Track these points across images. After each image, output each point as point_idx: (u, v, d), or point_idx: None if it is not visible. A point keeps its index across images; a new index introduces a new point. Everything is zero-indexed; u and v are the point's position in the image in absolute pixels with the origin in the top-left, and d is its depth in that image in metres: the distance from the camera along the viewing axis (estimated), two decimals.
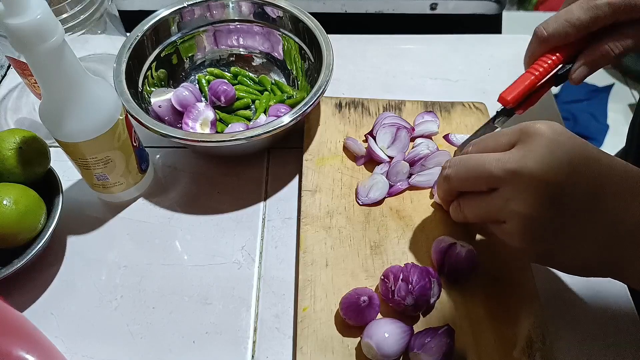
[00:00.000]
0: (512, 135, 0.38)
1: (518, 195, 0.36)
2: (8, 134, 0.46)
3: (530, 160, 0.35)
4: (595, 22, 0.44)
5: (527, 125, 0.37)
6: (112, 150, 0.46)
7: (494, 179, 0.37)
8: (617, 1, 0.42)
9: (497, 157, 0.37)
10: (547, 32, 0.46)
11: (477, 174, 0.39)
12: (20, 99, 0.63)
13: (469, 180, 0.40)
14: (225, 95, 0.57)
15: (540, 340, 0.42)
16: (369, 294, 0.41)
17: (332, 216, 0.49)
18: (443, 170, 0.43)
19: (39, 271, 0.48)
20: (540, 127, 0.36)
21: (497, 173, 0.37)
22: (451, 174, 0.41)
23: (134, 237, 0.51)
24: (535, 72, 0.46)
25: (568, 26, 0.44)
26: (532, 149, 0.36)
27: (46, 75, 0.39)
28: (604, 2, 0.43)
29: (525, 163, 0.35)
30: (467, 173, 0.40)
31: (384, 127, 0.53)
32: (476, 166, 0.39)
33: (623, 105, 1.71)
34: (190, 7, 0.58)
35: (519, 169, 0.36)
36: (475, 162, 0.39)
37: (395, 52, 0.68)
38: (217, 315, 0.45)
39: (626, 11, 0.43)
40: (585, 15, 0.44)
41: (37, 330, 0.41)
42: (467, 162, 0.40)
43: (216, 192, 0.54)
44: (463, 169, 0.40)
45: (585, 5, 0.44)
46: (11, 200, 0.43)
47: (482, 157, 0.39)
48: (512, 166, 0.36)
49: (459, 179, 0.41)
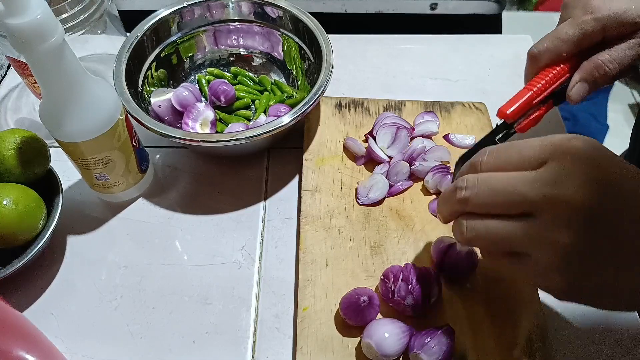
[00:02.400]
0: (541, 151, 0.33)
1: (559, 224, 0.31)
2: (8, 134, 0.46)
3: (572, 185, 0.31)
4: (584, 37, 0.44)
5: (561, 141, 0.33)
6: (112, 150, 0.46)
7: (529, 204, 0.32)
8: (603, 16, 0.43)
9: (530, 178, 0.32)
10: (538, 50, 0.46)
11: (507, 199, 0.33)
12: (20, 99, 0.63)
13: (495, 205, 0.34)
14: (225, 95, 0.57)
15: (540, 340, 0.42)
16: (369, 294, 0.41)
17: (332, 216, 0.49)
18: (458, 192, 0.35)
19: (39, 271, 0.48)
20: (576, 145, 0.32)
21: (533, 198, 0.32)
22: (471, 196, 0.35)
23: (134, 237, 0.51)
24: (533, 88, 0.46)
25: (558, 41, 0.45)
26: (571, 171, 0.31)
27: (46, 75, 0.39)
28: (590, 17, 0.43)
29: (566, 187, 0.31)
30: (493, 197, 0.34)
31: (384, 127, 0.53)
32: (505, 188, 0.33)
33: (623, 105, 1.71)
34: (190, 7, 0.58)
35: (559, 194, 0.31)
36: (503, 183, 0.33)
37: (395, 52, 0.68)
38: (217, 315, 0.45)
39: (613, 26, 0.43)
40: (573, 30, 0.44)
41: (37, 330, 0.41)
42: (491, 182, 0.34)
43: (216, 192, 0.54)
44: (487, 191, 0.34)
45: (573, 22, 0.44)
46: (11, 200, 0.43)
47: (510, 177, 0.33)
48: (551, 191, 0.31)
49: (482, 203, 0.34)
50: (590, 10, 0.43)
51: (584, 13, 0.44)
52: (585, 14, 0.44)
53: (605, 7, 0.43)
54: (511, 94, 0.46)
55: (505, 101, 0.46)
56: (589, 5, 0.44)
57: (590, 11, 0.43)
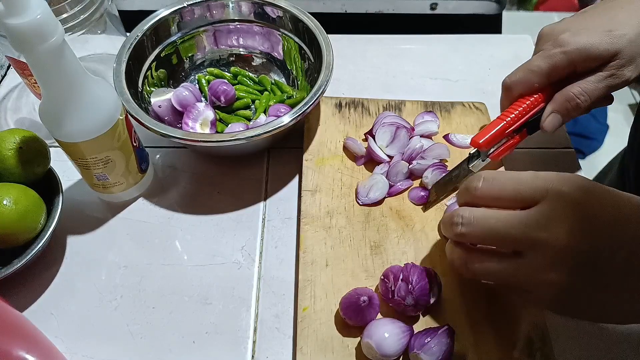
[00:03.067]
0: (535, 191, 0.35)
1: (548, 266, 0.34)
2: (8, 134, 0.46)
3: (560, 228, 0.33)
4: (554, 69, 0.45)
5: (553, 184, 0.35)
6: (112, 150, 0.46)
7: (519, 245, 0.35)
8: (570, 50, 0.44)
9: (520, 219, 0.35)
10: (511, 80, 0.48)
11: (499, 238, 0.36)
12: (20, 99, 0.63)
13: (487, 242, 0.38)
14: (225, 95, 0.57)
15: (540, 340, 0.42)
16: (369, 294, 0.41)
17: (332, 216, 0.49)
18: (455, 227, 0.39)
19: (39, 271, 0.48)
20: (567, 189, 0.34)
21: (522, 240, 0.35)
22: (465, 232, 0.38)
23: (134, 237, 0.51)
24: (506, 118, 0.47)
25: (529, 73, 0.46)
26: (561, 215, 0.34)
27: (46, 75, 0.39)
28: (559, 50, 0.45)
29: (556, 232, 0.33)
30: (485, 235, 0.37)
31: (383, 126, 0.53)
32: (496, 229, 0.36)
33: (623, 105, 1.71)
34: (190, 7, 0.58)
35: (549, 239, 0.34)
36: (494, 223, 0.36)
37: (395, 52, 0.68)
38: (217, 315, 0.45)
39: (581, 60, 0.44)
40: (543, 63, 0.45)
41: (37, 330, 0.41)
42: (484, 221, 0.37)
43: (216, 192, 0.54)
44: (480, 230, 0.37)
45: (544, 54, 0.46)
46: (11, 200, 0.43)
47: (502, 217, 0.36)
48: (541, 235, 0.34)
49: (474, 239, 0.38)
50: (559, 43, 0.45)
51: (554, 46, 0.45)
52: (554, 47, 0.45)
53: (574, 41, 0.44)
54: None
55: None
56: (558, 39, 0.45)
57: (559, 44, 0.45)
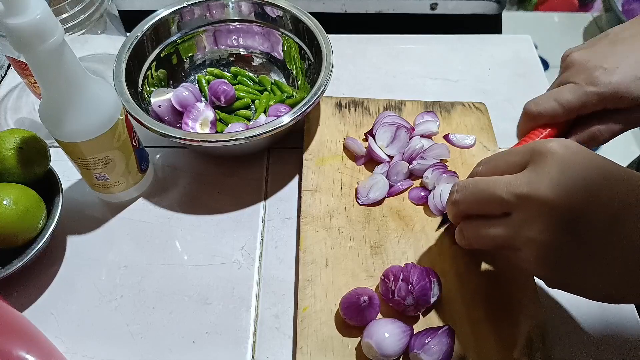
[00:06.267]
0: (523, 155, 0.36)
1: (531, 221, 0.34)
2: (8, 134, 0.46)
3: (543, 184, 0.34)
4: (583, 107, 0.44)
5: (538, 145, 0.35)
6: (112, 150, 0.46)
7: (505, 204, 0.36)
8: (605, 91, 0.43)
9: (507, 180, 0.36)
10: (537, 110, 0.46)
11: (487, 199, 0.37)
12: (20, 99, 0.63)
13: (478, 205, 0.38)
14: (225, 95, 0.57)
15: (540, 340, 0.42)
16: (369, 294, 0.41)
17: (332, 216, 0.49)
18: (451, 195, 0.41)
19: (39, 271, 0.48)
20: (552, 146, 0.34)
21: (508, 198, 0.35)
22: (459, 198, 0.39)
23: (134, 237, 0.51)
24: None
25: (557, 106, 0.45)
26: (544, 171, 0.34)
27: (46, 75, 0.39)
28: (594, 90, 0.43)
29: (537, 187, 0.34)
30: (475, 198, 0.38)
31: (383, 125, 0.53)
32: (485, 191, 0.37)
33: None
34: (190, 7, 0.58)
35: (530, 193, 0.34)
36: (483, 186, 0.37)
37: (395, 52, 0.68)
38: (217, 315, 0.45)
39: (613, 101, 0.43)
40: (575, 99, 0.44)
41: (37, 330, 0.41)
42: (475, 186, 0.38)
43: (216, 192, 0.54)
44: (470, 194, 0.38)
45: (575, 90, 0.44)
46: (11, 200, 0.43)
47: (491, 180, 0.37)
48: (523, 190, 0.34)
49: (467, 204, 0.39)
50: (593, 82, 0.43)
51: (587, 84, 0.44)
52: (588, 85, 0.44)
53: (608, 82, 0.43)
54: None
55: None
56: (592, 77, 0.43)
57: (593, 83, 0.43)
